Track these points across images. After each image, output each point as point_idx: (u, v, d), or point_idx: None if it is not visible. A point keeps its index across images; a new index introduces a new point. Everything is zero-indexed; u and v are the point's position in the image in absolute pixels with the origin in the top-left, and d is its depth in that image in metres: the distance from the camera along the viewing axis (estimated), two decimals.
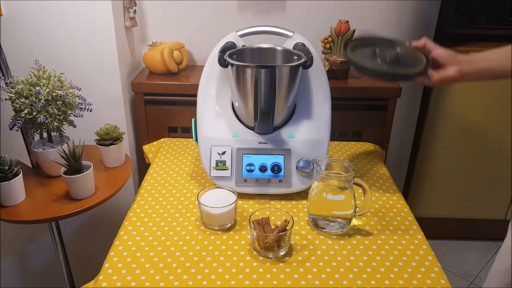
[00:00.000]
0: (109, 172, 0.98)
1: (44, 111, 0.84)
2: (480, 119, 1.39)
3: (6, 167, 0.80)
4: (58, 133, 0.91)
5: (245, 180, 0.84)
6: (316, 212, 0.77)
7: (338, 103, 0.98)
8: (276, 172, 0.84)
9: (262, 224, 0.70)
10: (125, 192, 1.19)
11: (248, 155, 0.85)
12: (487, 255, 1.59)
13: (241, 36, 0.91)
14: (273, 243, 0.67)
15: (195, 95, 0.91)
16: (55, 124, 0.86)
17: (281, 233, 0.68)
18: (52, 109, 0.85)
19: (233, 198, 0.77)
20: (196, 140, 0.90)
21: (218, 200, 0.76)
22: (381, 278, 0.65)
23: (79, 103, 0.91)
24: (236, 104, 0.87)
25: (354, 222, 0.78)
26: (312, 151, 0.84)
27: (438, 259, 0.70)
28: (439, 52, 0.77)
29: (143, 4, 1.27)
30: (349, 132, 1.27)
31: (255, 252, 0.70)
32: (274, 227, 0.71)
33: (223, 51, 0.84)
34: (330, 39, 1.24)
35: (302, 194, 0.86)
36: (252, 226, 0.69)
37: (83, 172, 0.84)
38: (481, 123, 1.39)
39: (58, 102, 0.86)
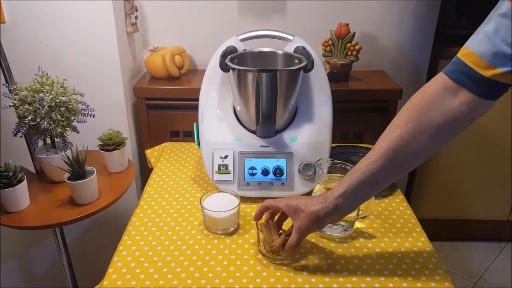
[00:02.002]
0: (112, 177, 0.98)
1: (48, 117, 0.85)
2: (483, 120, 1.38)
3: (11, 173, 0.81)
4: (61, 139, 0.92)
5: (248, 184, 0.84)
6: None
7: (339, 106, 0.99)
8: (278, 175, 0.84)
9: (269, 228, 0.70)
10: (128, 196, 1.19)
11: (250, 158, 0.85)
12: (491, 256, 1.59)
13: (242, 40, 0.91)
14: (279, 246, 0.67)
15: (197, 99, 0.92)
16: (59, 130, 0.87)
17: (288, 237, 0.67)
18: (56, 115, 0.86)
19: (236, 202, 0.77)
20: (198, 144, 0.90)
21: (221, 204, 0.76)
22: (385, 281, 0.65)
23: (82, 108, 0.92)
24: (238, 108, 0.88)
25: (357, 224, 0.78)
26: (314, 154, 0.85)
27: (441, 261, 0.70)
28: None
29: (144, 9, 1.28)
30: (350, 134, 1.27)
31: (259, 256, 0.70)
32: (281, 232, 0.71)
33: (224, 55, 0.85)
34: (330, 42, 1.25)
35: None
36: (259, 228, 0.69)
37: (86, 178, 0.85)
38: (484, 123, 1.39)
39: (62, 108, 0.86)
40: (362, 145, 1.07)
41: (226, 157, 0.85)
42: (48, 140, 0.95)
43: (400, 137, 0.58)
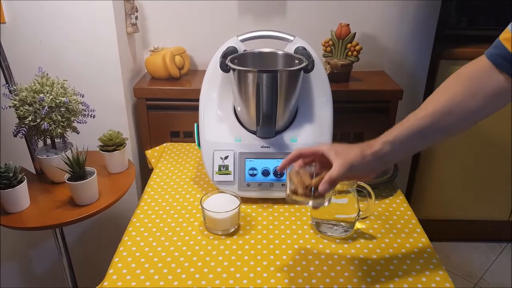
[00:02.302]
0: (113, 178, 0.98)
1: (48, 118, 0.85)
2: (483, 120, 1.39)
3: (11, 174, 0.81)
4: (61, 139, 0.92)
5: (248, 185, 0.84)
6: (319, 216, 0.77)
7: (340, 106, 0.99)
8: (278, 176, 0.84)
9: (300, 174, 0.65)
10: (129, 197, 1.19)
11: (251, 159, 0.85)
12: (491, 256, 1.59)
13: (242, 40, 0.91)
14: (315, 187, 0.62)
15: (197, 100, 0.92)
16: (59, 130, 0.87)
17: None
18: (56, 116, 0.86)
19: (236, 202, 0.77)
20: (199, 144, 0.90)
21: (221, 205, 0.76)
22: (386, 282, 0.65)
23: (82, 109, 0.92)
24: (238, 108, 0.87)
25: (358, 225, 0.78)
26: None
27: (441, 261, 0.70)
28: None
29: (145, 10, 1.28)
30: (351, 134, 1.27)
31: (259, 257, 0.70)
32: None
33: (224, 56, 0.85)
34: (330, 42, 1.25)
35: None
36: (292, 172, 0.64)
37: (87, 178, 0.85)
38: (484, 124, 1.39)
39: (62, 109, 0.86)
40: None
41: (226, 157, 0.85)
42: (48, 141, 0.95)
43: (451, 99, 0.59)
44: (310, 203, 0.63)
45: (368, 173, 0.63)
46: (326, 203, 0.64)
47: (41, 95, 0.84)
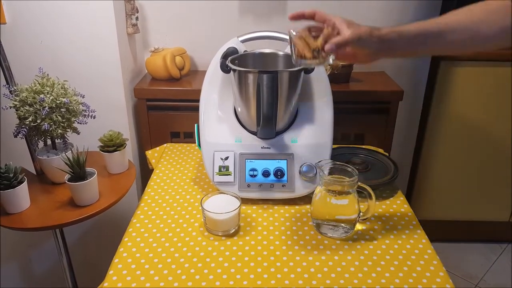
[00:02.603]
0: (113, 178, 0.98)
1: (48, 119, 0.85)
2: (483, 121, 1.39)
3: (11, 175, 0.81)
4: (62, 140, 0.92)
5: (248, 185, 0.84)
6: (319, 217, 0.77)
7: (340, 107, 0.99)
8: (279, 177, 0.84)
9: (304, 38, 0.66)
10: (129, 197, 1.19)
11: (251, 160, 0.85)
12: (492, 257, 1.59)
13: (243, 41, 0.91)
14: (321, 47, 0.64)
15: (198, 101, 0.92)
16: (59, 131, 0.87)
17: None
18: (56, 117, 0.86)
19: (236, 203, 0.77)
20: (199, 145, 0.90)
21: (222, 205, 0.76)
22: (386, 283, 0.65)
23: (82, 110, 0.91)
24: (239, 109, 0.87)
25: (358, 226, 0.78)
26: (315, 156, 0.84)
27: (442, 262, 0.70)
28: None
29: (145, 10, 1.28)
30: (351, 135, 1.27)
31: (259, 258, 0.70)
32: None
33: (225, 56, 0.85)
34: None
35: (306, 199, 0.86)
36: (296, 37, 0.65)
37: (87, 179, 0.85)
38: (484, 124, 1.39)
39: (62, 110, 0.86)
40: (363, 146, 1.07)
41: (226, 158, 0.85)
42: (49, 141, 0.95)
43: (468, 19, 0.61)
44: (315, 63, 0.66)
45: (371, 54, 0.65)
46: (330, 61, 0.66)
47: (42, 95, 0.84)
